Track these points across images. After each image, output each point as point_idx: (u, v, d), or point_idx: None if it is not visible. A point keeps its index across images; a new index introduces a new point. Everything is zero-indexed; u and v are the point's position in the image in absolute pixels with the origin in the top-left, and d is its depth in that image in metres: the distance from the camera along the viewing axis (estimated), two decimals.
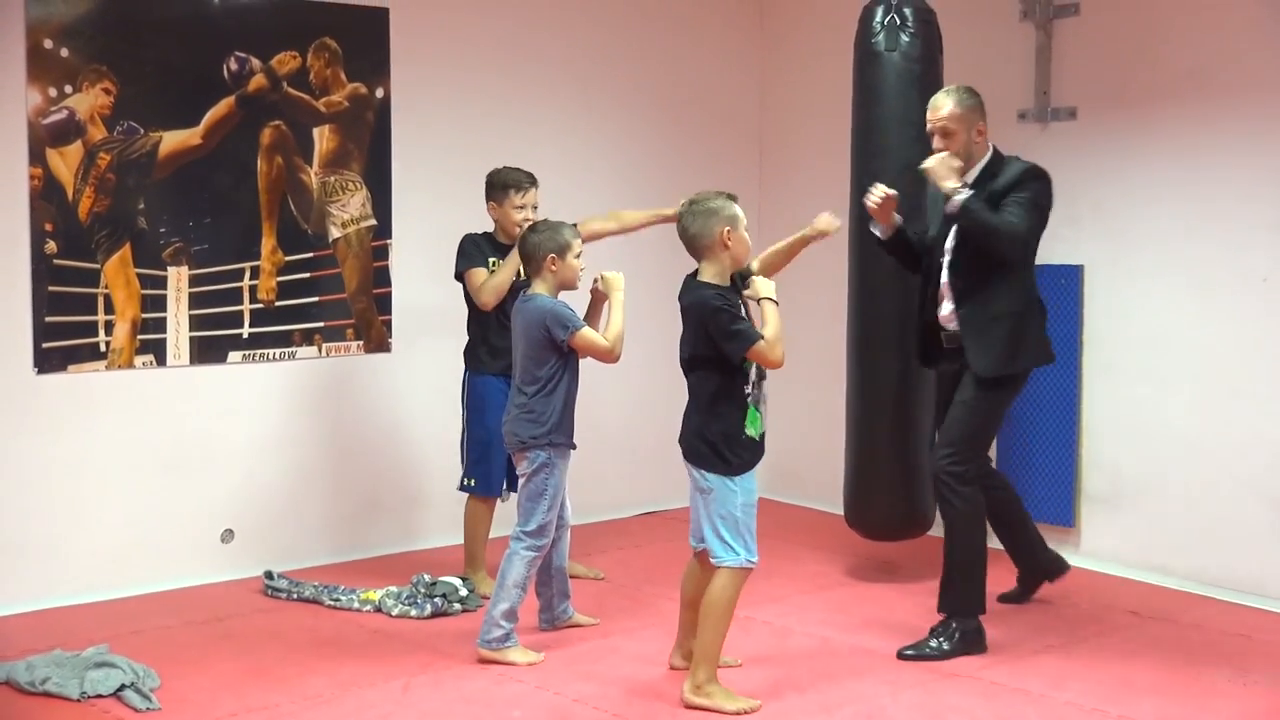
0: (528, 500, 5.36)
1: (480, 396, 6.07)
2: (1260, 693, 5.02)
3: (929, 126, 5.50)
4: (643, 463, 7.44)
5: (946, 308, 5.52)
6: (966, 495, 5.44)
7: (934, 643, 5.39)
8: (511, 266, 5.93)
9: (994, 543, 6.55)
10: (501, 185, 6.08)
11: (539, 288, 5.34)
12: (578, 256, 5.35)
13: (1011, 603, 6.01)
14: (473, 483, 6.12)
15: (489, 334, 6.03)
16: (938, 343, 5.63)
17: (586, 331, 5.28)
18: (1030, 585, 6.07)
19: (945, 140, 5.43)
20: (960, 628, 5.41)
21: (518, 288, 5.76)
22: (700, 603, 4.93)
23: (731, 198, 4.85)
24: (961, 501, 5.44)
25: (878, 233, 5.72)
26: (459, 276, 6.07)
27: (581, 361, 5.42)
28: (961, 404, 5.52)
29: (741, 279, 4.93)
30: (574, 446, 5.42)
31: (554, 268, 5.30)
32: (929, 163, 5.39)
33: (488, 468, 6.08)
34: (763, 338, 4.73)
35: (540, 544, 5.33)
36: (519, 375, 5.40)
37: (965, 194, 5.27)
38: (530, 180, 6.08)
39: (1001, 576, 6.10)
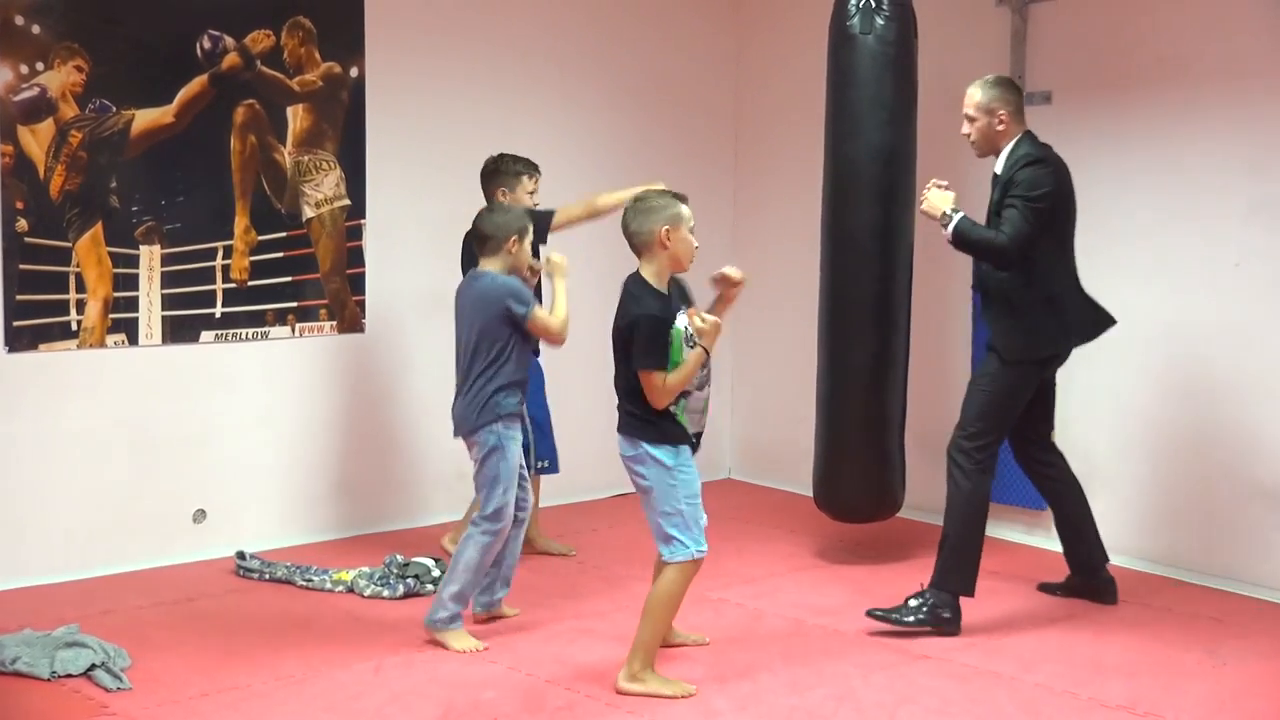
0: (485, 486, 5.29)
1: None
2: (1230, 675, 5.05)
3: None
4: (614, 444, 7.42)
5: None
6: (970, 472, 5.48)
7: (902, 611, 5.43)
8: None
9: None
10: (514, 171, 6.06)
11: (490, 267, 5.32)
12: (527, 244, 5.38)
13: (1050, 594, 5.93)
14: (546, 464, 6.20)
15: None
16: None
17: (541, 311, 5.27)
18: (1074, 588, 5.92)
19: (968, 125, 5.59)
20: (933, 602, 5.43)
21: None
22: None
23: (680, 198, 4.82)
24: (964, 478, 5.49)
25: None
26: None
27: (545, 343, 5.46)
28: (978, 381, 5.61)
29: (684, 301, 4.87)
30: (523, 424, 5.41)
31: (513, 250, 5.30)
32: (922, 206, 5.53)
33: (550, 444, 6.19)
34: (665, 375, 4.65)
35: (497, 528, 5.27)
36: (468, 358, 5.32)
37: (955, 220, 5.39)
38: (538, 169, 6.13)
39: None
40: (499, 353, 5.26)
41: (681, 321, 4.72)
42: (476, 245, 5.41)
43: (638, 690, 4.76)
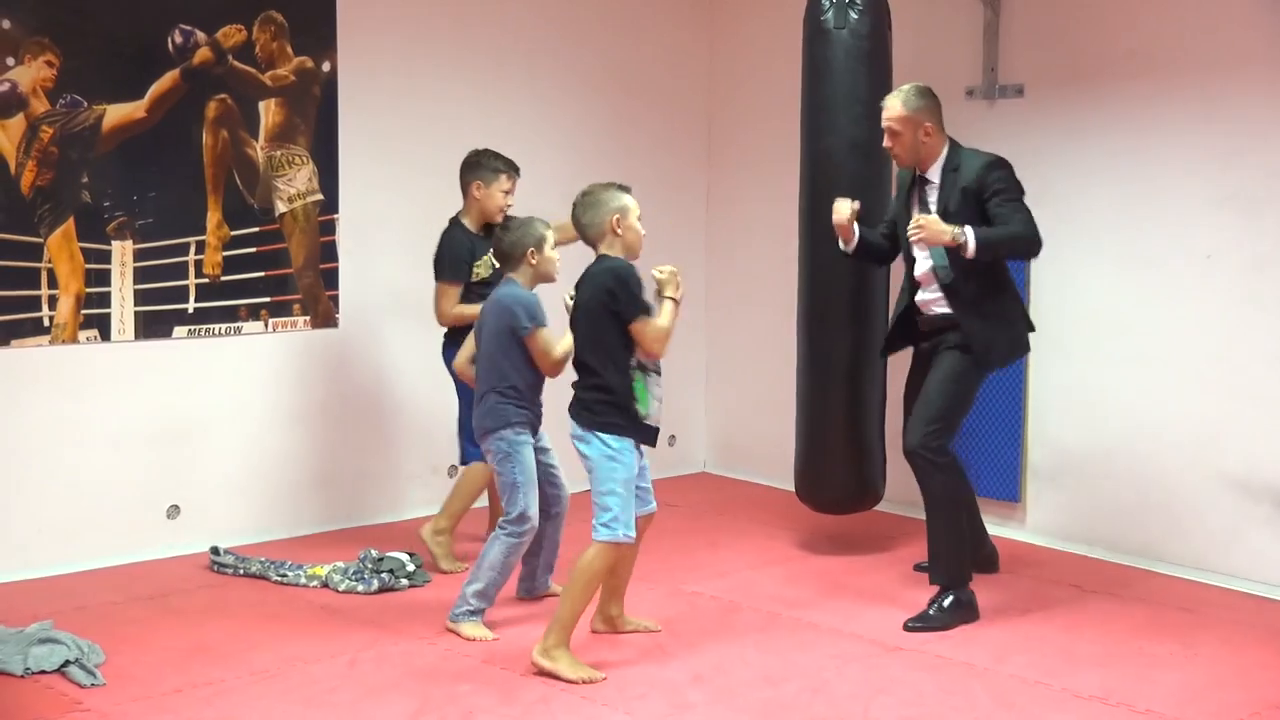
0: (505, 491, 5.34)
1: None
2: (1203, 665, 5.07)
3: (882, 123, 5.62)
4: None
5: (928, 294, 5.64)
6: (946, 467, 5.52)
7: (933, 611, 5.45)
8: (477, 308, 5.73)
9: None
10: (493, 168, 6.06)
11: (518, 279, 5.34)
12: (553, 249, 5.36)
13: (924, 572, 5.85)
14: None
15: None
16: (912, 328, 5.76)
17: (544, 333, 5.26)
18: None
19: (892, 139, 5.59)
20: (956, 596, 5.47)
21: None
22: (622, 569, 5.10)
23: (624, 189, 4.96)
24: (942, 475, 5.51)
25: (845, 249, 5.85)
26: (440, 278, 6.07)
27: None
28: (942, 379, 5.57)
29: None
30: (536, 426, 5.41)
31: (534, 261, 5.30)
32: (915, 235, 5.45)
33: None
34: (649, 318, 4.82)
35: (522, 530, 5.30)
36: (485, 366, 5.35)
37: (969, 235, 5.36)
38: (518, 170, 6.12)
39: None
40: (509, 361, 5.30)
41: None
42: (499, 262, 5.48)
43: (547, 666, 4.82)
